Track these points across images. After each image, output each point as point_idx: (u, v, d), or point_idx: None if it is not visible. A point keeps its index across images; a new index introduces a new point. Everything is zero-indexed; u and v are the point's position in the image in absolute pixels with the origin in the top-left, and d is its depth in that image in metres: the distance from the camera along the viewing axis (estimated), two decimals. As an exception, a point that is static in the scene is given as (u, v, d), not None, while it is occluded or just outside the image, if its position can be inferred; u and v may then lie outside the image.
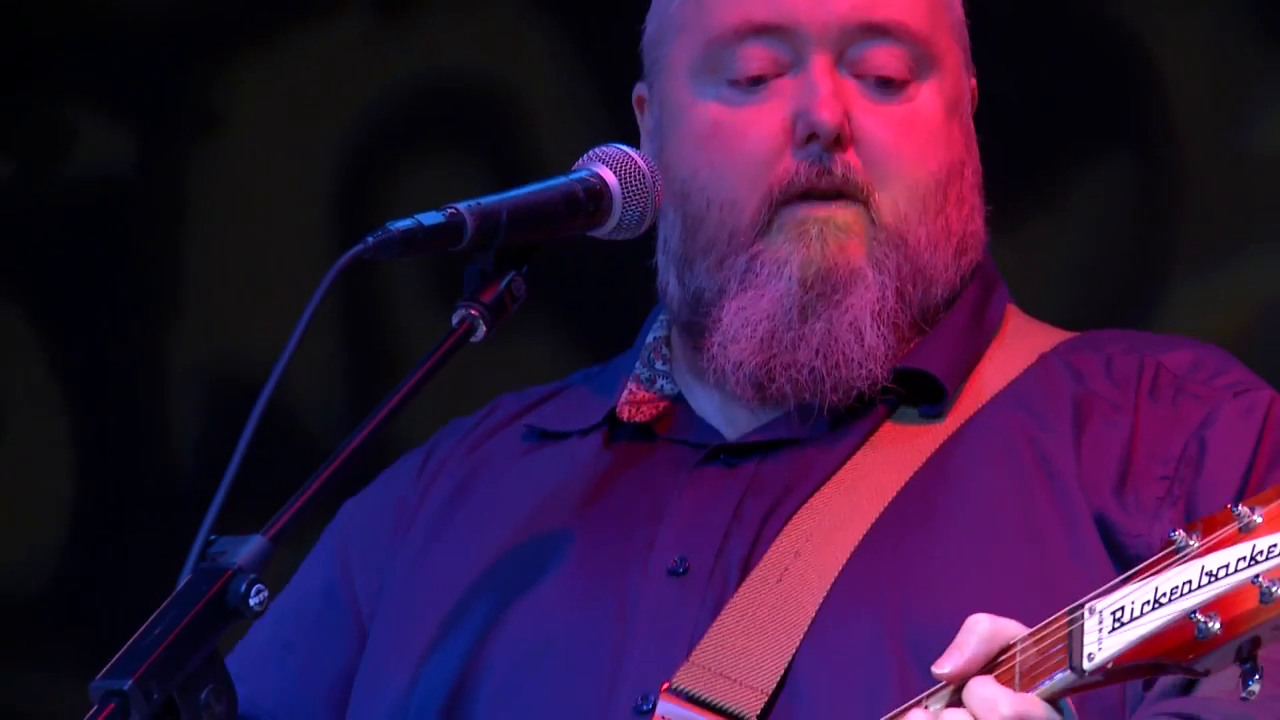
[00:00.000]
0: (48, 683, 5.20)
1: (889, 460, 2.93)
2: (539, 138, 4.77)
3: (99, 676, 2.31)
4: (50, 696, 5.18)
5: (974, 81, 3.07)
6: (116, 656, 2.31)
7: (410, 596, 3.06)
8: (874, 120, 2.86)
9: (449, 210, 2.65)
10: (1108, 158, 4.87)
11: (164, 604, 2.36)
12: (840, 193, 2.85)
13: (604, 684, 2.87)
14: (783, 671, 2.79)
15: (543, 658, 2.92)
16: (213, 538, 2.39)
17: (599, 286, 3.33)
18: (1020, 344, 3.05)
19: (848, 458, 2.92)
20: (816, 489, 2.89)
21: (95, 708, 2.27)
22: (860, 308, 2.88)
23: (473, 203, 2.68)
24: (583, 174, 2.78)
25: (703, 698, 2.77)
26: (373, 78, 5.22)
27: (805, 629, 2.79)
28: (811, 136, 2.82)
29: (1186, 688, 2.65)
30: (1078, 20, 5.15)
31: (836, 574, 2.81)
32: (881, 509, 2.86)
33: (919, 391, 2.94)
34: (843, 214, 2.87)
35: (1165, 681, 2.69)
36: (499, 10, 5.17)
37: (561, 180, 2.77)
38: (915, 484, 2.88)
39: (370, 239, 2.59)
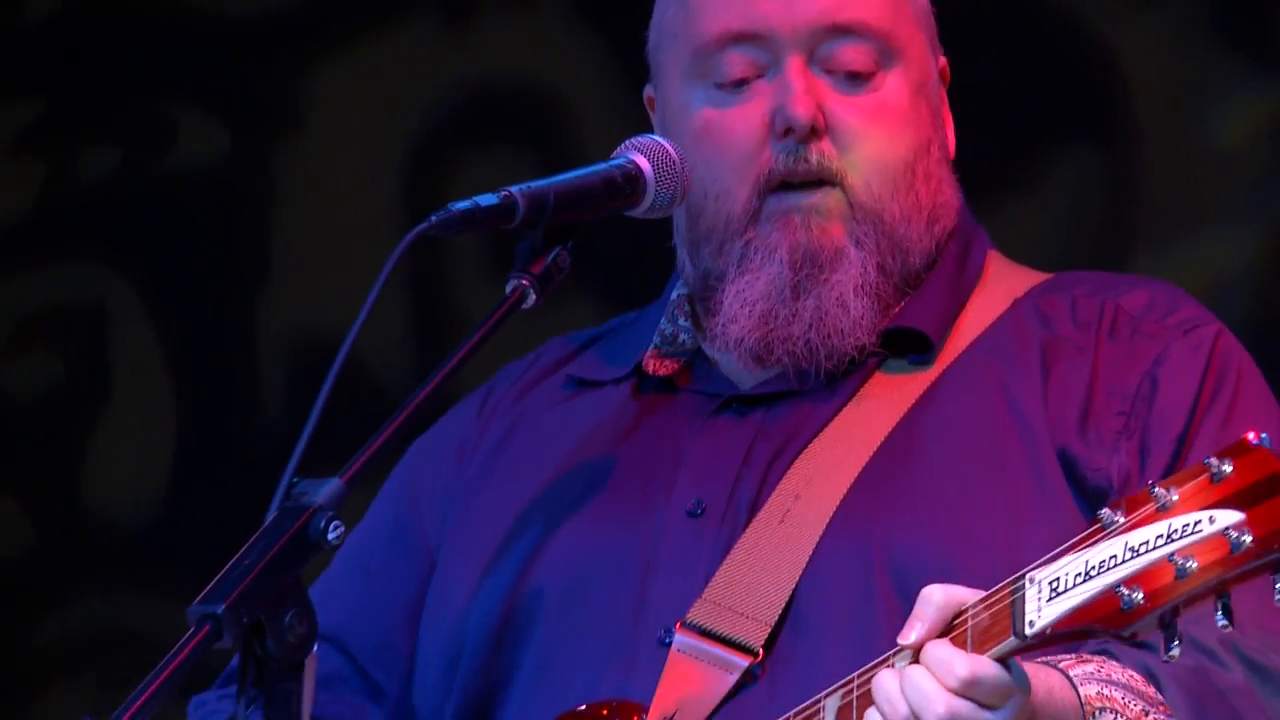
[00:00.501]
0: (156, 606, 5.26)
1: (878, 408, 2.95)
2: (580, 130, 4.94)
3: (195, 602, 2.37)
4: (157, 619, 5.22)
5: (943, 60, 3.10)
6: (211, 584, 2.37)
7: (468, 529, 3.08)
8: (845, 110, 2.89)
9: (503, 193, 2.69)
10: (1077, 148, 4.94)
11: (253, 538, 2.41)
12: (819, 179, 2.89)
13: (631, 617, 2.91)
14: (784, 604, 2.84)
15: (577, 592, 2.96)
16: (295, 480, 2.44)
17: (633, 260, 3.33)
18: (998, 289, 3.06)
19: (843, 407, 2.94)
20: (815, 436, 2.92)
21: (192, 629, 2.35)
22: (845, 283, 2.91)
23: (523, 186, 2.71)
24: (620, 161, 2.82)
25: (714, 630, 2.82)
26: (436, 79, 5.32)
27: (804, 565, 2.83)
28: (788, 130, 2.86)
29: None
30: (1051, 25, 5.15)
31: (831, 514, 2.84)
32: (870, 454, 2.89)
33: (909, 343, 2.97)
34: (823, 200, 2.91)
35: None
36: (546, 21, 5.26)
37: (601, 166, 2.81)
38: (900, 430, 2.90)
39: (434, 218, 2.65)
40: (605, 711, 2.87)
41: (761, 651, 2.80)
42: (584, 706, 2.89)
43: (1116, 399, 2.85)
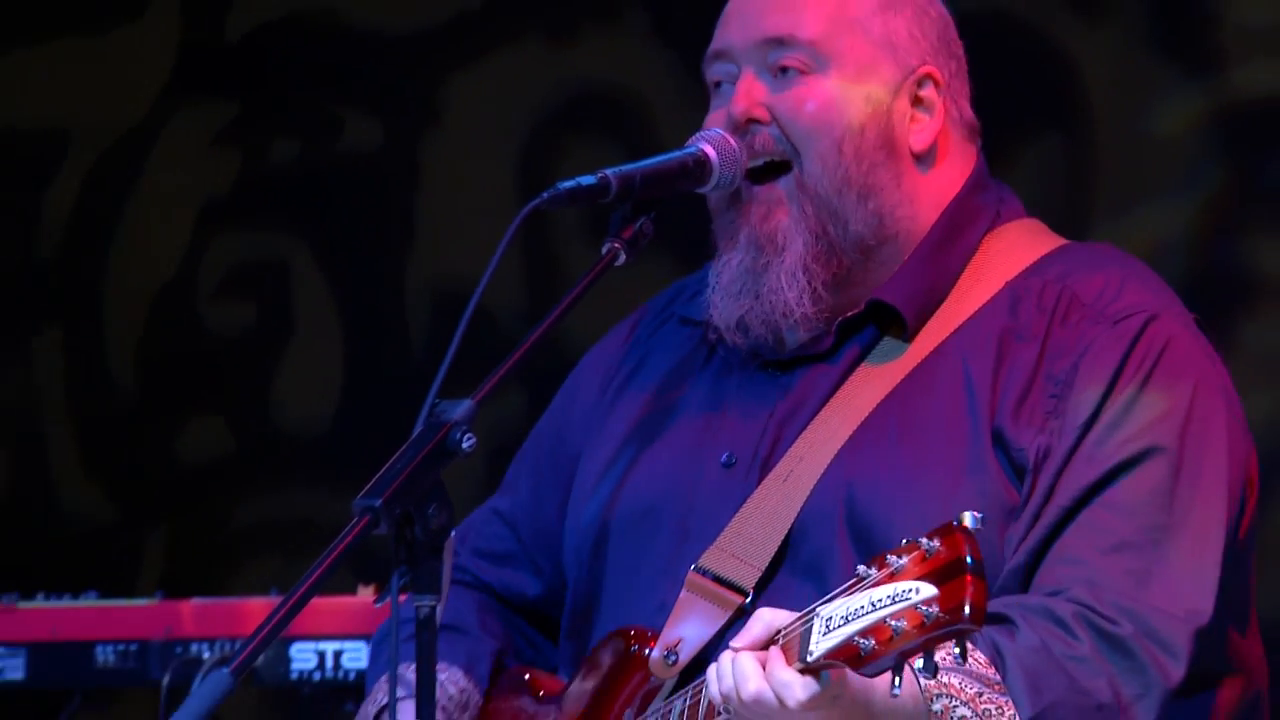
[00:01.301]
0: (327, 499, 5.51)
1: (870, 384, 2.90)
2: (657, 125, 5.12)
3: (359, 496, 2.44)
4: (329, 509, 5.41)
5: (924, 69, 2.95)
6: (371, 483, 2.45)
7: (596, 445, 3.08)
8: (781, 102, 2.87)
9: (600, 174, 2.76)
10: (1042, 137, 5.10)
11: (404, 446, 2.49)
12: (769, 159, 2.88)
13: (674, 552, 2.92)
14: (774, 553, 2.84)
15: (641, 523, 2.97)
16: (437, 401, 2.52)
17: (703, 225, 3.10)
18: (993, 270, 2.95)
19: (845, 378, 2.90)
20: (822, 404, 2.90)
21: (355, 518, 2.44)
22: (794, 257, 2.88)
23: (615, 169, 2.78)
24: (691, 149, 2.84)
25: (718, 573, 2.84)
26: (543, 85, 5.51)
27: (792, 520, 2.84)
28: (734, 122, 2.87)
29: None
30: (1021, 38, 5.17)
31: (818, 478, 2.84)
32: (856, 426, 2.86)
33: (896, 320, 2.92)
34: (772, 191, 2.91)
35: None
36: (629, 38, 5.44)
37: (677, 153, 2.85)
38: (881, 406, 2.86)
39: (545, 195, 2.72)
40: (632, 633, 2.89)
41: (752, 592, 2.82)
42: (617, 629, 2.94)
43: (1051, 383, 2.81)
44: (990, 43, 4.69)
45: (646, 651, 2.84)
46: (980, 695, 2.55)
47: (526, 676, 3.06)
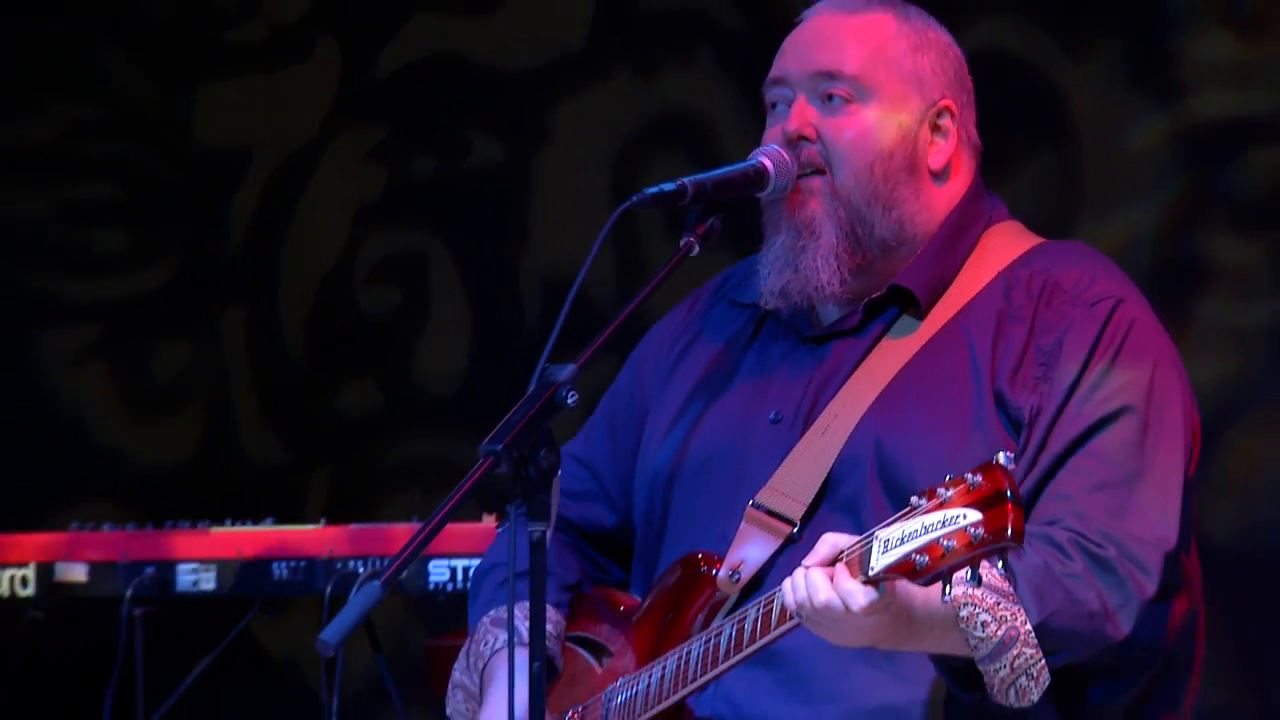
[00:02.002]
0: (458, 444, 5.52)
1: (892, 355, 2.89)
2: (722, 143, 5.14)
3: (484, 442, 2.50)
4: (459, 452, 5.40)
5: (945, 102, 2.95)
6: (493, 431, 2.50)
7: (662, 402, 3.07)
8: (826, 125, 2.88)
9: (679, 182, 2.79)
10: (1039, 153, 5.09)
11: (520, 402, 2.54)
12: (813, 169, 2.87)
13: (731, 493, 2.91)
14: (816, 491, 2.84)
15: (702, 469, 2.96)
16: (546, 365, 2.57)
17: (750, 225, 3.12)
18: (988, 262, 2.94)
19: (870, 350, 2.90)
20: (852, 371, 2.89)
21: (481, 460, 2.50)
22: (826, 242, 2.87)
23: (690, 177, 2.80)
24: (752, 162, 2.85)
25: (770, 508, 2.85)
26: (631, 111, 5.57)
27: (830, 465, 2.83)
28: (787, 137, 2.87)
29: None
30: (1018, 71, 5.14)
31: (851, 430, 2.84)
32: (881, 389, 2.86)
33: (912, 302, 2.91)
34: (809, 182, 2.89)
35: None
36: (701, 73, 5.48)
37: (740, 165, 2.86)
38: (901, 373, 2.86)
39: (634, 198, 2.78)
40: (700, 557, 2.89)
41: (799, 523, 2.82)
42: (686, 554, 2.93)
43: (1040, 354, 2.81)
44: (998, 77, 4.84)
45: (714, 571, 2.84)
46: (998, 604, 2.56)
47: (605, 596, 3.06)
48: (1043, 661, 2.59)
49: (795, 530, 2.80)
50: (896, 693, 2.76)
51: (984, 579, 2.50)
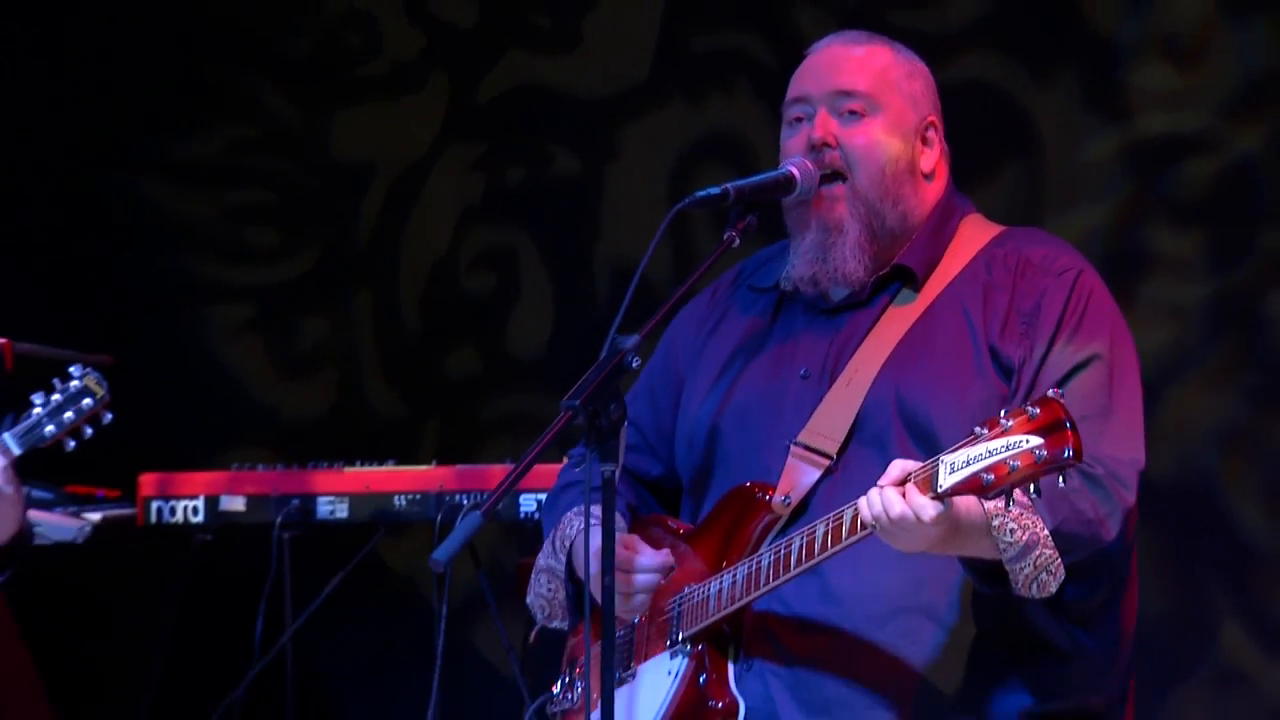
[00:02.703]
0: (541, 400, 5.52)
1: (898, 320, 2.87)
2: (757, 156, 5.03)
3: (564, 398, 2.53)
4: (544, 407, 5.39)
5: (930, 118, 2.94)
6: (572, 389, 2.54)
7: (698, 370, 3.02)
8: (845, 135, 2.86)
9: (722, 187, 2.79)
10: (1012, 164, 5.14)
11: (593, 366, 2.57)
12: (834, 172, 2.86)
13: (771, 436, 2.87)
14: (847, 430, 2.80)
15: (744, 418, 2.92)
16: (615, 335, 2.58)
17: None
18: (968, 244, 2.92)
19: (880, 317, 2.87)
20: (864, 337, 2.86)
21: (562, 413, 2.53)
22: (852, 238, 2.86)
23: (732, 182, 2.80)
24: (781, 171, 2.85)
25: (809, 445, 2.82)
26: (683, 133, 5.60)
27: (858, 409, 2.80)
28: (811, 144, 2.86)
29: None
30: (990, 96, 5.14)
31: (872, 380, 2.81)
32: (893, 346, 2.84)
33: (908, 277, 2.89)
34: (833, 190, 2.87)
35: None
36: (739, 100, 5.48)
37: (773, 173, 2.86)
38: (907, 334, 2.84)
39: (685, 200, 2.78)
40: (755, 486, 2.86)
41: (835, 457, 2.80)
42: (739, 485, 2.90)
43: (1021, 315, 2.79)
44: (979, 101, 5.08)
45: (768, 497, 2.81)
46: (1021, 515, 2.56)
47: (659, 520, 3.02)
48: (1059, 560, 2.58)
49: (832, 463, 2.78)
50: (919, 595, 2.73)
51: (1016, 496, 2.49)
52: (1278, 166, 4.81)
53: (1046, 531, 2.58)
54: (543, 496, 3.74)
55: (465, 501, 4.66)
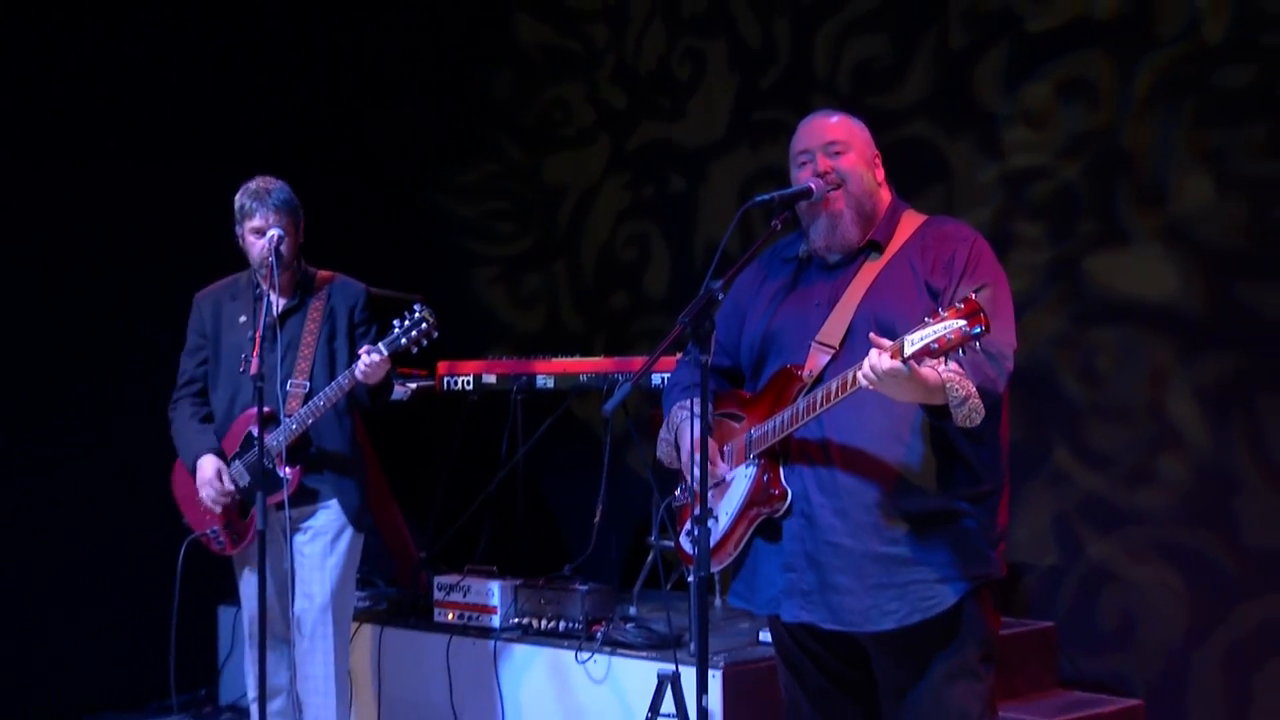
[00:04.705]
0: (667, 323, 5.40)
1: (871, 271, 2.73)
2: (790, 182, 3.92)
3: (679, 316, 2.50)
4: (666, 327, 5.34)
5: (875, 157, 2.81)
6: (683, 311, 2.51)
7: (753, 307, 2.86)
8: (836, 163, 2.75)
9: (770, 195, 2.72)
10: (935, 185, 5.03)
11: (695, 300, 2.53)
12: (835, 183, 2.75)
13: (800, 339, 2.73)
14: (842, 335, 2.67)
15: (783, 329, 2.77)
16: (709, 282, 2.52)
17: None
18: (909, 226, 2.78)
19: (860, 270, 2.73)
20: (853, 279, 2.72)
21: (676, 327, 2.47)
22: (848, 219, 2.74)
23: (775, 192, 2.74)
24: (804, 185, 2.76)
25: (822, 341, 2.69)
26: (748, 166, 5.57)
27: (849, 322, 2.67)
28: (818, 172, 2.74)
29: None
30: (922, 146, 5.00)
31: (857, 305, 2.68)
32: (868, 285, 2.69)
33: (875, 246, 2.75)
34: (837, 193, 2.76)
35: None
36: (780, 146, 4.96)
37: (799, 186, 2.77)
38: (877, 279, 2.70)
39: (747, 204, 2.74)
40: (792, 366, 2.73)
41: (838, 347, 2.66)
42: (781, 367, 2.76)
43: (943, 263, 2.66)
44: (919, 148, 4.94)
45: (800, 372, 2.70)
46: (960, 378, 2.46)
47: (733, 393, 2.87)
48: (982, 405, 2.47)
49: (836, 352, 2.66)
50: (893, 428, 2.59)
51: (953, 367, 2.40)
52: (1088, 187, 4.62)
53: (974, 387, 2.46)
54: (666, 375, 3.57)
55: (621, 377, 4.55)
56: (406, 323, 3.64)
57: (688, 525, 2.70)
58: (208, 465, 3.70)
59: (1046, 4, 4.52)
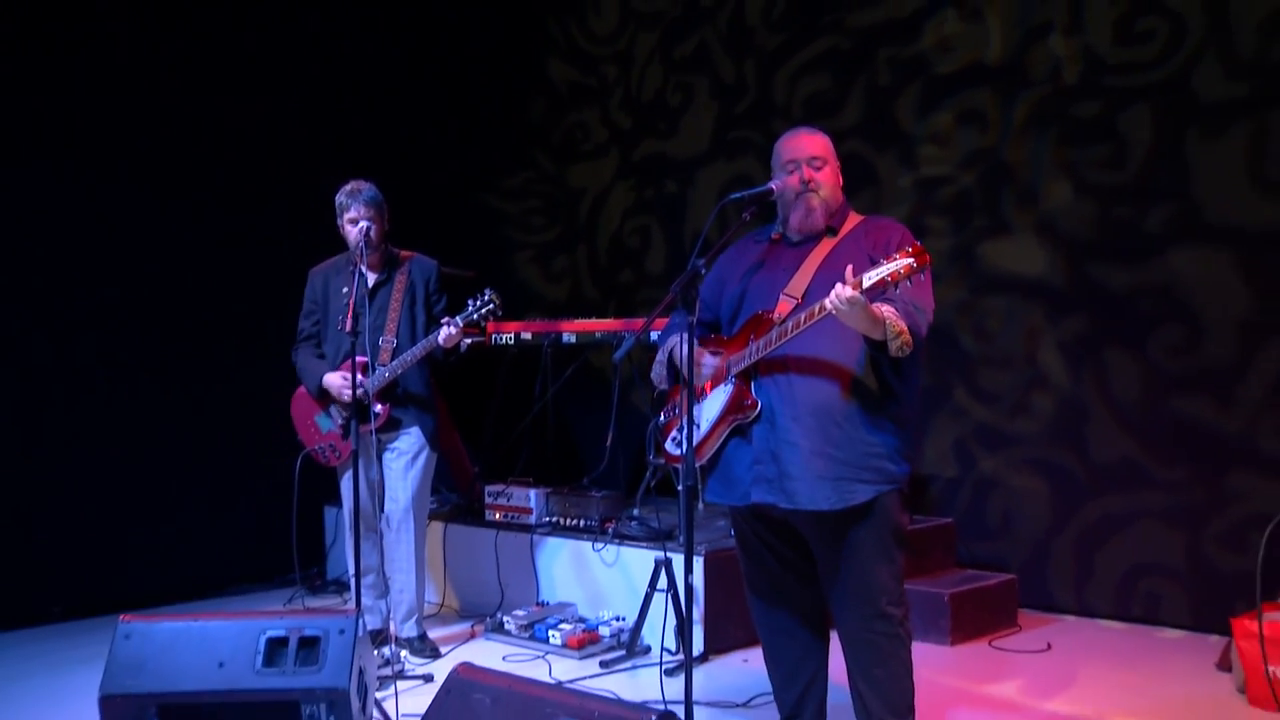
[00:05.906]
0: (661, 292, 5.40)
1: (826, 247, 2.67)
2: (757, 183, 3.72)
3: (672, 285, 2.47)
4: (660, 294, 5.46)
5: (838, 166, 2.78)
6: (673, 282, 2.48)
7: (732, 276, 2.77)
8: (816, 174, 2.69)
9: (741, 193, 2.64)
10: (867, 189, 4.90)
11: (683, 273, 2.47)
12: (814, 189, 2.68)
13: (770, 294, 2.66)
14: (806, 288, 2.61)
15: (757, 289, 2.69)
16: (694, 260, 2.47)
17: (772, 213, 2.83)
18: (853, 220, 2.74)
19: (817, 246, 2.67)
20: (810, 252, 2.66)
21: (668, 295, 2.41)
22: (819, 213, 2.69)
23: (746, 190, 2.66)
24: (767, 186, 2.70)
25: (789, 293, 2.62)
26: (726, 173, 5.41)
27: (808, 283, 2.61)
28: (803, 180, 2.67)
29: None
30: (859, 161, 4.91)
31: (814, 272, 2.63)
32: (823, 257, 2.64)
33: (833, 230, 2.69)
34: (812, 195, 2.69)
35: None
36: (753, 157, 5.28)
37: (761, 187, 2.70)
38: (829, 253, 2.65)
39: (723, 201, 2.66)
40: (764, 311, 2.63)
41: (801, 299, 2.59)
42: (754, 313, 2.67)
43: (881, 246, 2.60)
44: (856, 161, 4.85)
45: (772, 315, 2.62)
46: (896, 319, 2.44)
47: (714, 336, 2.79)
48: (911, 342, 2.45)
49: (799, 302, 2.60)
50: (844, 355, 2.55)
51: (893, 307, 2.37)
52: (980, 191, 4.59)
53: (904, 327, 2.45)
54: (658, 333, 3.59)
55: (626, 335, 4.47)
56: (478, 302, 3.70)
57: (673, 433, 2.69)
58: (334, 376, 3.74)
59: (950, 53, 4.57)
